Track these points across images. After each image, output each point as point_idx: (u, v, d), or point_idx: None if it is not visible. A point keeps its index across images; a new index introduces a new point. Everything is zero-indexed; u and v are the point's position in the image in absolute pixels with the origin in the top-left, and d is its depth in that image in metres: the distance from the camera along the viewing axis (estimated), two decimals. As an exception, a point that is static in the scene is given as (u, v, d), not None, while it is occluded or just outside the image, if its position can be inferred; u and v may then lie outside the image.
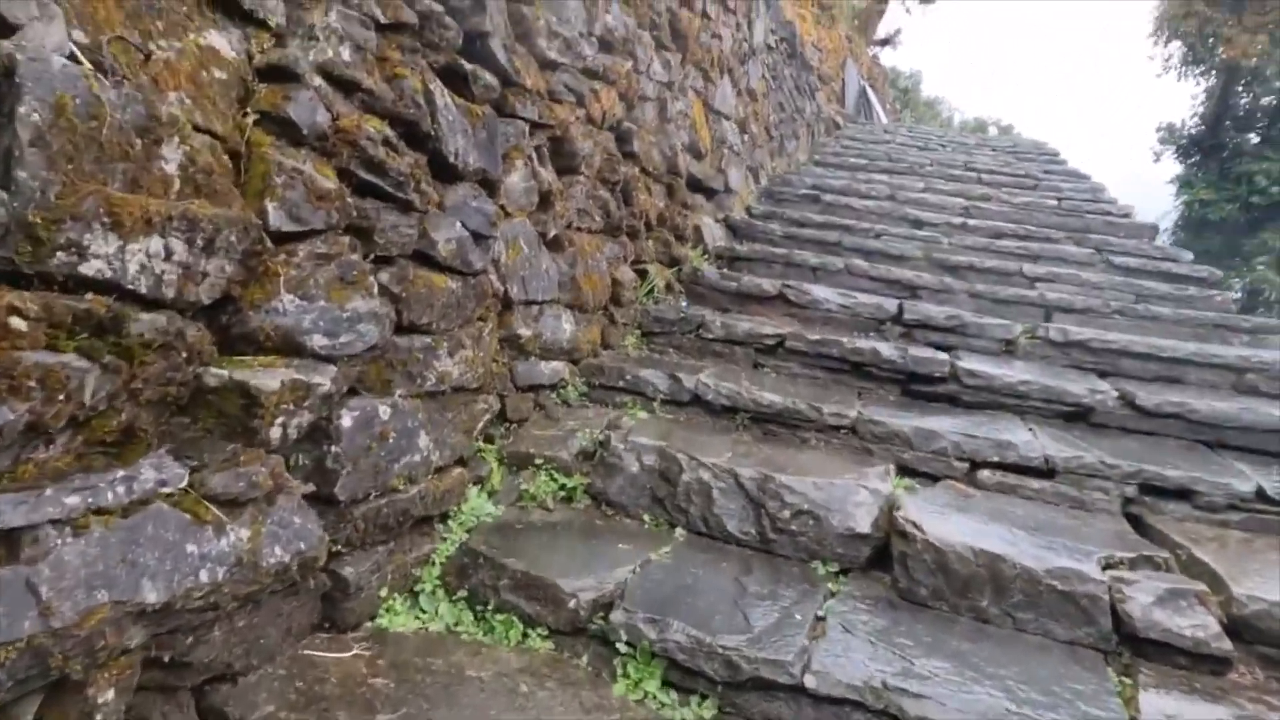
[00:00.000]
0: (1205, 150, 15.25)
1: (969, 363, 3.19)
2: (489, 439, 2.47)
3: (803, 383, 3.18)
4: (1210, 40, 14.80)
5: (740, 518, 2.26)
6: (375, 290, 1.82)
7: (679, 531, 2.32)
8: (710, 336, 3.41)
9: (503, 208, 2.42)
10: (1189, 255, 5.02)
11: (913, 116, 22.65)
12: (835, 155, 8.25)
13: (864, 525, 2.16)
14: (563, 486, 2.45)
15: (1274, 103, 14.11)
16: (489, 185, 2.30)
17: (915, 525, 2.07)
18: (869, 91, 13.39)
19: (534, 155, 2.62)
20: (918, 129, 10.97)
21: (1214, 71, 14.90)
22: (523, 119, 2.51)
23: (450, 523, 2.17)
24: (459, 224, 2.14)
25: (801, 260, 4.42)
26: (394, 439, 1.88)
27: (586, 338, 3.05)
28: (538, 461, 2.47)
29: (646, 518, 2.36)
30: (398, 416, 1.90)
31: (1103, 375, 3.31)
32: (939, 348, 3.40)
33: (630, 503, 2.39)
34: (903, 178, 7.10)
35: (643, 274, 3.64)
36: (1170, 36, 15.99)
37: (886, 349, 3.19)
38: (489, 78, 2.27)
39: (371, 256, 1.85)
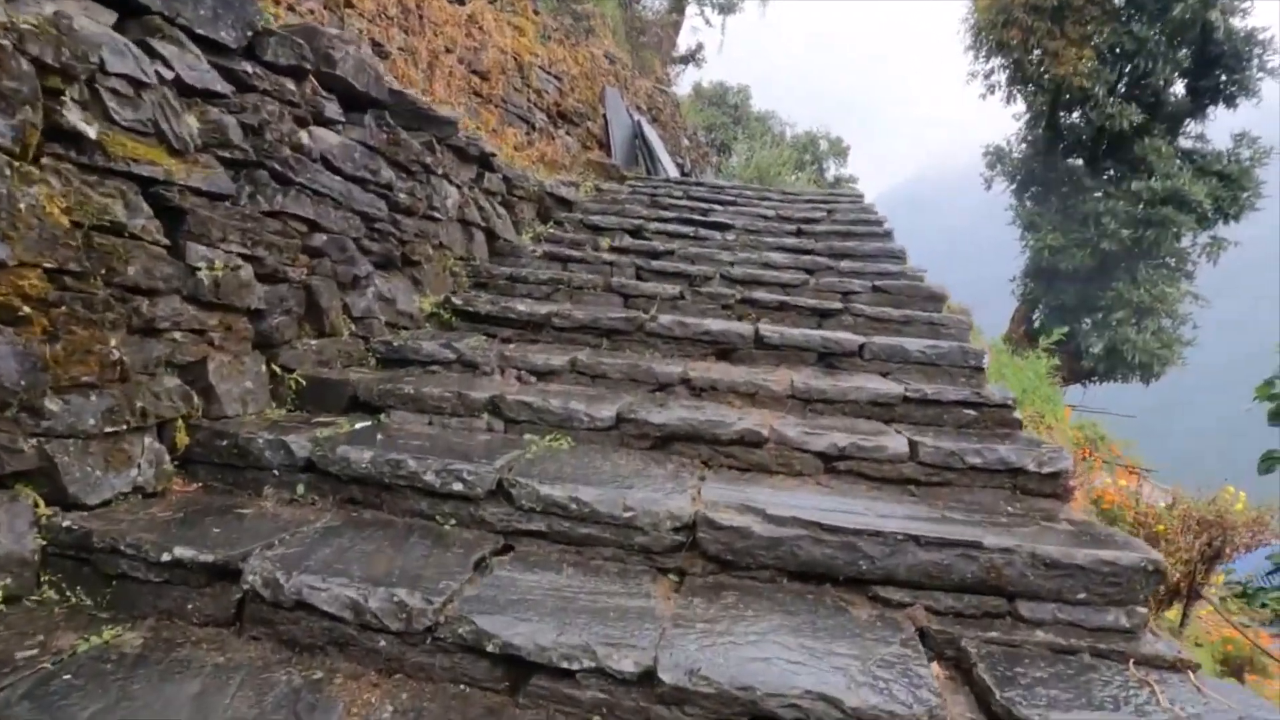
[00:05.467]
0: (1044, 183, 13.18)
1: None
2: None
3: None
4: (1037, 53, 12.70)
5: None
6: None
7: None
8: None
9: None
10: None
11: (745, 134, 20.21)
12: (507, 282, 4.41)
13: None
14: None
15: (1106, 127, 12.11)
16: None
17: None
18: (646, 130, 9.89)
19: None
20: (699, 190, 7.49)
21: (1042, 91, 12.81)
22: None
23: None
24: None
25: None
26: None
27: None
28: None
29: None
30: None
31: None
32: None
33: None
34: (585, 389, 3.37)
35: None
36: (990, 51, 13.88)
37: None
38: None
39: None
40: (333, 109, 3.15)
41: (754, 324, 3.88)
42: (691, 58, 17.94)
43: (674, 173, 10.00)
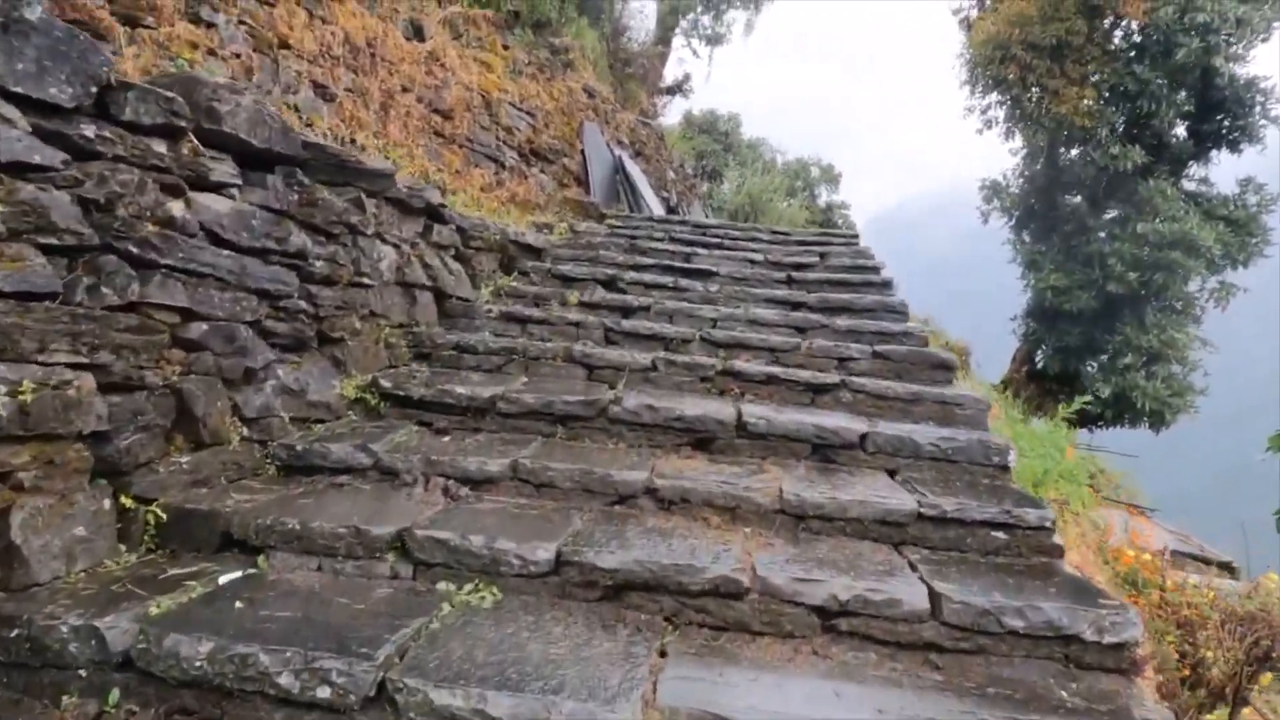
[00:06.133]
0: (1044, 220, 12.77)
1: None
2: None
3: None
4: (1036, 91, 12.33)
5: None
6: None
7: None
8: None
9: None
10: None
11: (736, 161, 20.13)
12: (453, 353, 3.84)
13: None
14: None
15: (1109, 167, 11.66)
16: None
17: None
18: (627, 165, 9.42)
19: None
20: (683, 231, 6.97)
21: (1042, 129, 12.42)
22: None
23: None
24: None
25: None
26: None
27: None
28: None
29: None
30: None
31: None
32: None
33: None
34: (527, 504, 2.80)
35: None
36: (987, 87, 13.54)
37: None
38: None
39: None
40: (224, 171, 2.60)
41: (736, 404, 3.32)
42: (679, 88, 17.63)
43: (658, 209, 9.52)
